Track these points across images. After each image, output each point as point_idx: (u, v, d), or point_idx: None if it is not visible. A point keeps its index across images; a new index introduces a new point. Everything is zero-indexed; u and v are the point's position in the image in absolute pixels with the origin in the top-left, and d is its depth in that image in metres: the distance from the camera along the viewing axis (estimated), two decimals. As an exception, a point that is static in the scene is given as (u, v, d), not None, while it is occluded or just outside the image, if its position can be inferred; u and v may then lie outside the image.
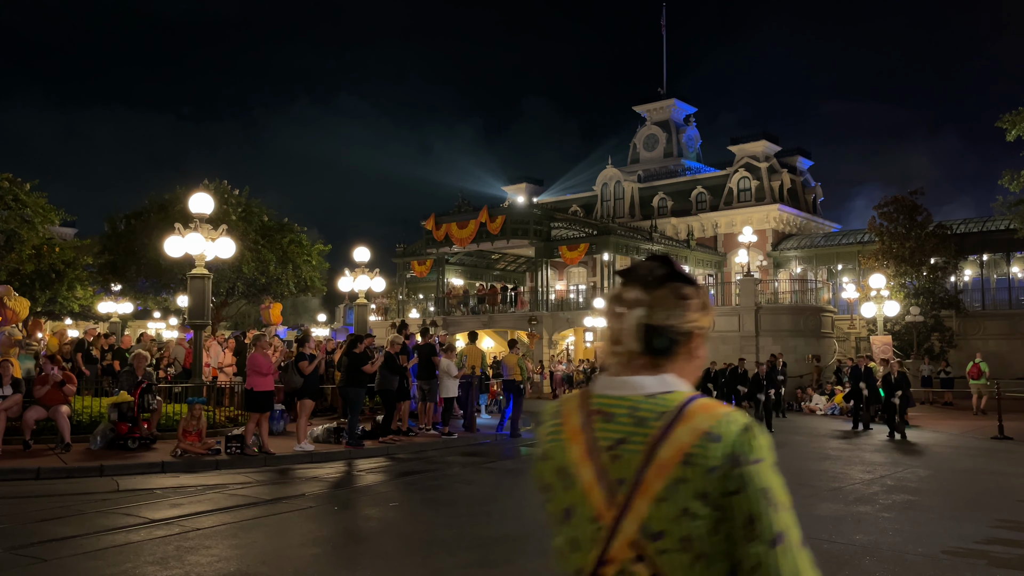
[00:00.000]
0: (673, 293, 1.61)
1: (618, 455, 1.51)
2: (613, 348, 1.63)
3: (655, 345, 1.59)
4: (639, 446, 1.49)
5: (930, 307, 31.78)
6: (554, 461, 1.63)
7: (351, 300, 31.60)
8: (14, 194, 27.17)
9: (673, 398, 1.53)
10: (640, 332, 1.59)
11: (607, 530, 1.50)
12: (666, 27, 61.77)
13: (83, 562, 6.20)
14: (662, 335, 1.58)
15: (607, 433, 1.54)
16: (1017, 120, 23.92)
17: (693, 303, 1.63)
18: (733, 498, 1.43)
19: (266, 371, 12.31)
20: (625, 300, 1.62)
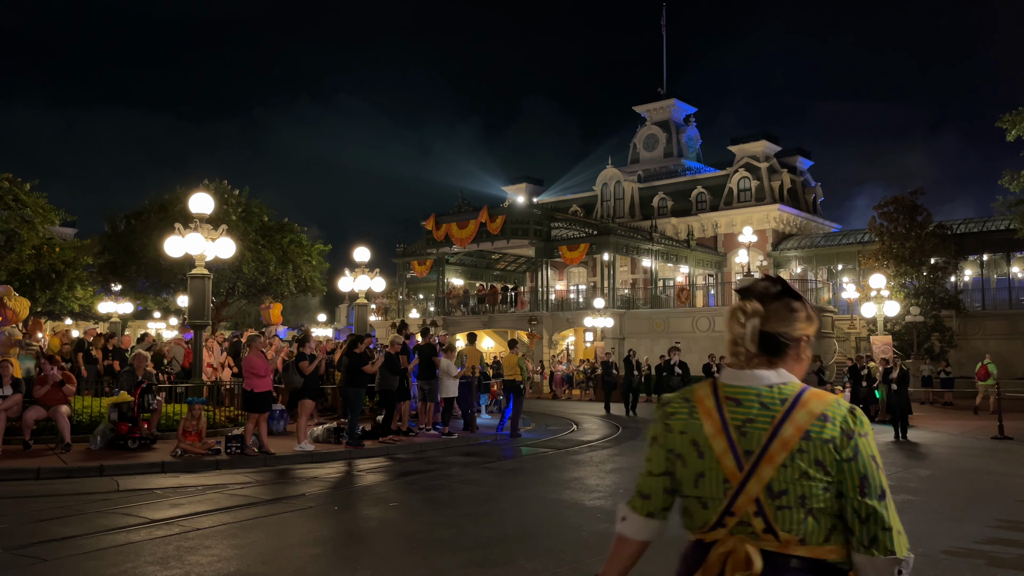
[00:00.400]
0: (785, 307, 2.02)
1: (746, 432, 1.92)
2: (734, 349, 2.04)
3: (770, 348, 2.00)
4: (765, 425, 1.91)
5: (930, 307, 31.78)
6: (689, 435, 2.00)
7: (351, 300, 31.58)
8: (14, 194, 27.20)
9: (790, 388, 1.96)
10: (757, 337, 2.00)
11: (734, 489, 1.90)
12: (666, 27, 61.72)
13: (83, 562, 6.20)
14: (775, 340, 2.00)
15: (737, 414, 1.95)
16: (1017, 120, 23.92)
17: (800, 315, 2.03)
18: (847, 463, 1.87)
19: (262, 372, 12.30)
20: (745, 311, 2.02)
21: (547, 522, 8.00)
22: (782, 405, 1.92)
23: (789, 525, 1.86)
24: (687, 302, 39.39)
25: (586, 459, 13.44)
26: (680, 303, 39.21)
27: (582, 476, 11.40)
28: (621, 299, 40.39)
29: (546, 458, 13.60)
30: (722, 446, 1.94)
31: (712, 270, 46.13)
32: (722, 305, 40.73)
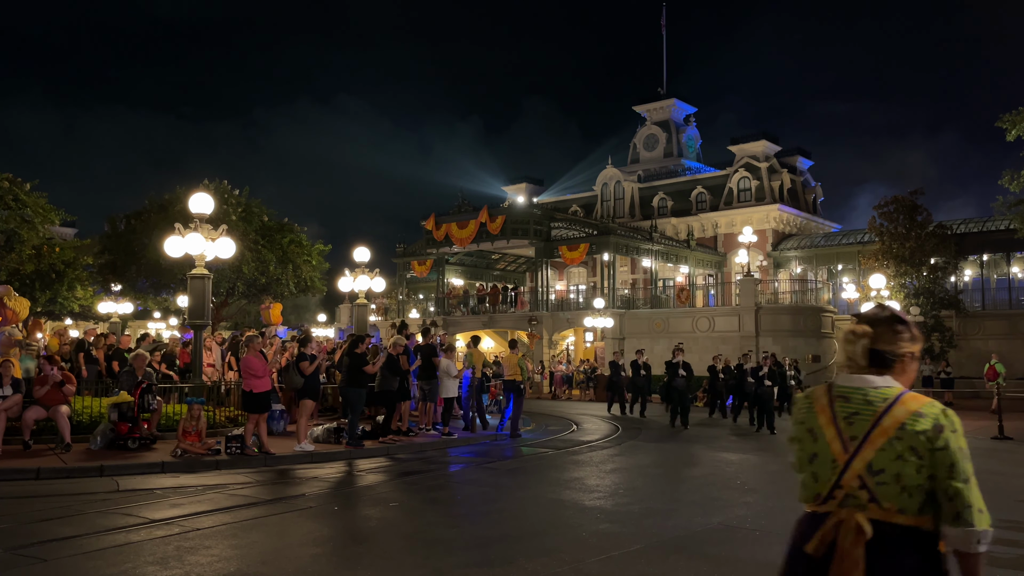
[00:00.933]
0: (890, 329, 2.50)
1: (852, 422, 2.41)
2: (848, 363, 2.53)
3: (877, 362, 2.49)
4: (868, 417, 2.39)
5: (930, 307, 31.78)
6: (806, 424, 2.51)
7: (351, 300, 31.59)
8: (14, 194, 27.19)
9: (892, 391, 2.43)
10: (867, 354, 2.50)
11: (841, 467, 2.38)
12: (666, 27, 61.75)
13: (83, 562, 6.20)
14: (882, 356, 2.48)
15: (845, 408, 2.45)
16: (1017, 120, 23.92)
17: (904, 335, 2.51)
18: (939, 452, 2.31)
19: (260, 373, 12.28)
20: (856, 333, 2.52)
21: (547, 522, 8.00)
22: (884, 403, 2.40)
23: (889, 498, 2.31)
24: (687, 302, 39.39)
25: (586, 459, 13.44)
26: (680, 303, 39.21)
27: (582, 476, 11.40)
28: (621, 299, 40.38)
29: (546, 458, 13.60)
30: (832, 433, 2.43)
31: (712, 270, 46.13)
32: (722, 305, 40.76)
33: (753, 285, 35.31)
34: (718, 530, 7.71)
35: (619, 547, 6.88)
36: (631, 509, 8.81)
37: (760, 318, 34.18)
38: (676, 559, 6.57)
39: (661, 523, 8.00)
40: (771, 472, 12.22)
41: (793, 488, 2.33)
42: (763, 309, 34.81)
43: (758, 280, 37.14)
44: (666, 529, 7.71)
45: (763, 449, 15.27)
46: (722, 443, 16.39)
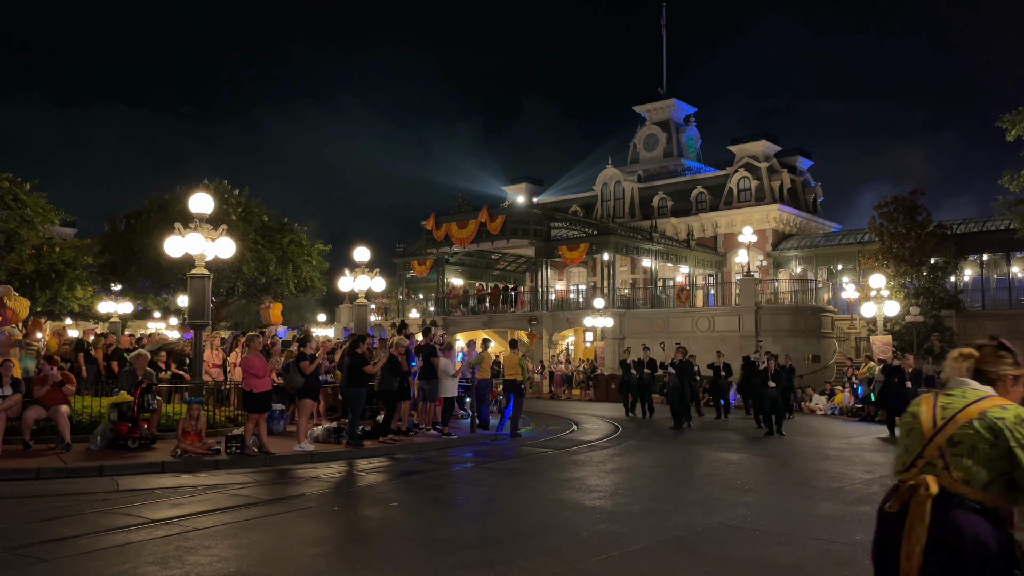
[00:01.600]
0: (994, 353, 3.06)
1: (946, 407, 2.95)
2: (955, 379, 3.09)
3: (980, 379, 3.02)
4: (960, 404, 2.92)
5: (930, 307, 31.77)
6: (912, 410, 3.07)
7: (351, 300, 31.59)
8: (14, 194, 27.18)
9: (985, 391, 2.96)
10: (971, 373, 3.04)
11: (927, 440, 2.92)
12: (666, 27, 61.77)
13: (83, 562, 6.20)
14: (984, 374, 3.03)
15: (945, 400, 2.99)
16: (1017, 120, 23.92)
17: (1008, 360, 3.04)
18: (1016, 446, 2.79)
19: (260, 372, 12.27)
20: (964, 354, 3.08)
21: (547, 522, 8.00)
22: (976, 395, 2.93)
23: (959, 468, 2.80)
24: (687, 302, 39.39)
25: (586, 459, 13.44)
26: (680, 303, 39.21)
27: (582, 476, 11.40)
28: (621, 299, 40.39)
29: (546, 458, 13.60)
30: (928, 415, 2.96)
31: (712, 270, 46.14)
32: (722, 305, 40.77)
33: (753, 285, 35.32)
34: (718, 530, 7.71)
35: (619, 547, 6.88)
36: (631, 509, 8.81)
37: (760, 318, 34.18)
38: (676, 559, 6.57)
39: (661, 523, 8.00)
40: (771, 472, 12.22)
41: (793, 488, 2.37)
42: (763, 309, 34.81)
43: (758, 280, 37.14)
44: (666, 529, 7.71)
45: (763, 449, 15.27)
46: (722, 443, 16.39)
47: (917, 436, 2.94)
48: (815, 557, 6.69)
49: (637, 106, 56.70)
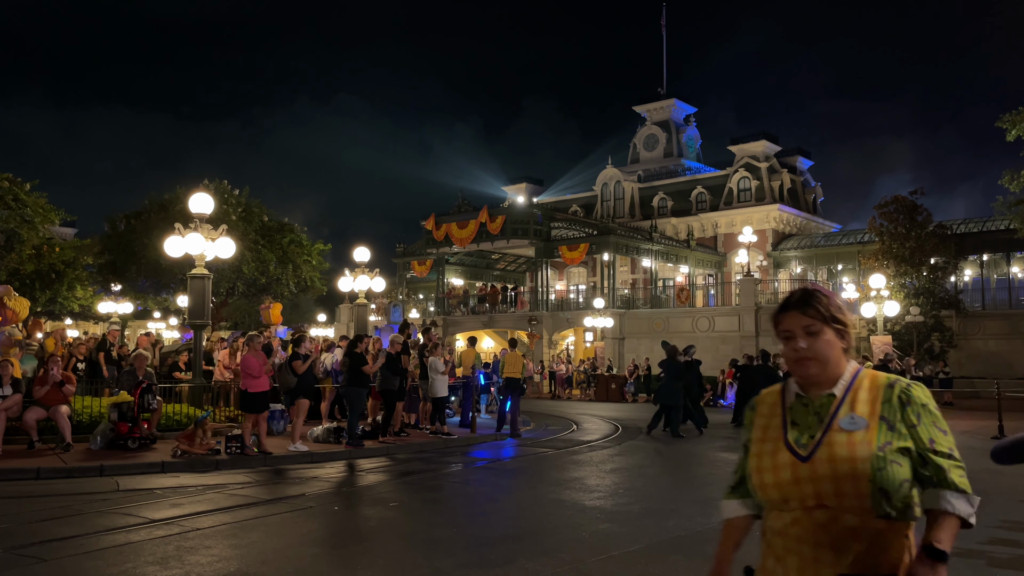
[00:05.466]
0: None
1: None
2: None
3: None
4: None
5: (930, 307, 31.77)
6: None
7: (351, 300, 31.58)
8: (14, 194, 27.17)
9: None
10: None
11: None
12: (666, 27, 61.77)
13: (83, 562, 6.20)
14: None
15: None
16: (1017, 120, 23.92)
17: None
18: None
19: (256, 372, 12.24)
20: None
21: (547, 522, 8.00)
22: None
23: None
24: (687, 302, 39.39)
25: (586, 459, 13.44)
26: (680, 303, 39.21)
27: (582, 476, 11.40)
28: (621, 299, 40.39)
29: (546, 458, 13.59)
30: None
31: (712, 270, 46.13)
32: (722, 305, 40.76)
33: (753, 285, 35.31)
34: (718, 530, 7.70)
35: (619, 547, 6.88)
36: (631, 509, 8.81)
37: (760, 318, 34.16)
38: (676, 559, 6.57)
39: (661, 523, 7.99)
40: (771, 472, 12.21)
41: None
42: (763, 309, 34.81)
43: (758, 280, 37.14)
44: (666, 529, 7.71)
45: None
46: (722, 443, 16.38)
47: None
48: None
49: (637, 106, 56.70)
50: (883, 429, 2.04)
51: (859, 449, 2.01)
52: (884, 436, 2.03)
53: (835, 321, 2.16)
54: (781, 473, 2.10)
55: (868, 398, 2.10)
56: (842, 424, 2.07)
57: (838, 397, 2.12)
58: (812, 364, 2.13)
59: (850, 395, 2.12)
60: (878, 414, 2.07)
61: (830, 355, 2.14)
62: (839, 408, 2.10)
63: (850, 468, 1.99)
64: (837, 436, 2.05)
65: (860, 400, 2.10)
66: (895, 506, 2.00)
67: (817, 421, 2.11)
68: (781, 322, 2.19)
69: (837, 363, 2.15)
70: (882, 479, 1.98)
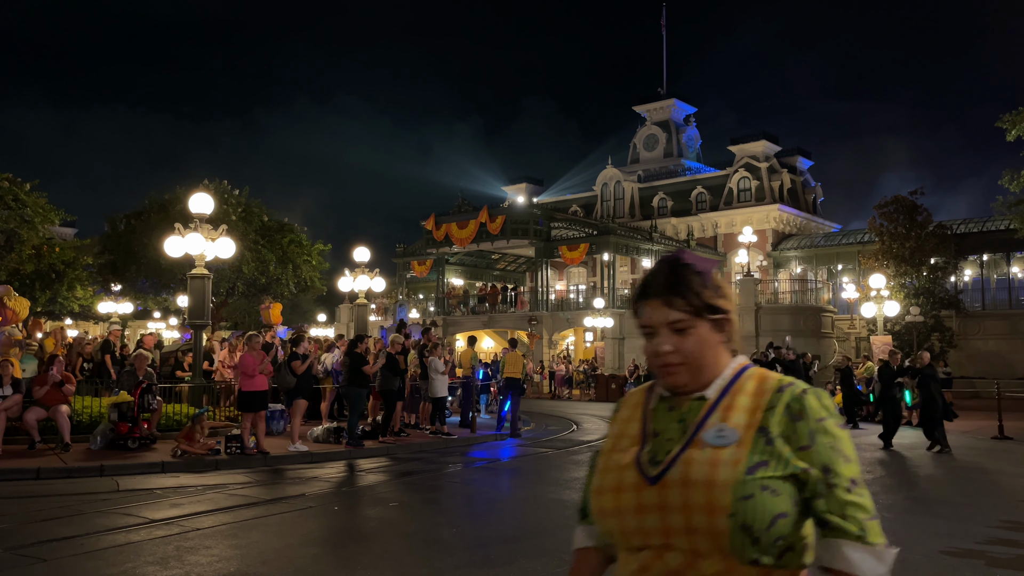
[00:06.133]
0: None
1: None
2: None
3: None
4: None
5: (930, 307, 31.78)
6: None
7: (351, 300, 31.58)
8: (14, 194, 27.17)
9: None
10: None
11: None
12: (666, 27, 61.77)
13: (83, 562, 6.20)
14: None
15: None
16: (1017, 120, 23.92)
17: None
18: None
19: (252, 372, 12.22)
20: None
21: (547, 522, 8.00)
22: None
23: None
24: (687, 302, 39.34)
25: (586, 459, 13.44)
26: (680, 303, 39.15)
27: (582, 476, 11.37)
28: (621, 299, 40.39)
29: (546, 458, 13.59)
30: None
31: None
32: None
33: (753, 285, 35.31)
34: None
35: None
36: (631, 509, 8.80)
37: (760, 318, 34.17)
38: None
39: (661, 523, 7.98)
40: (771, 472, 12.20)
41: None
42: (763, 309, 34.81)
43: (758, 280, 37.14)
44: (666, 529, 7.70)
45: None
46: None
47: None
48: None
49: (637, 106, 56.70)
50: (759, 446, 1.52)
51: (721, 471, 1.49)
52: (758, 454, 1.51)
53: (711, 311, 1.61)
54: (623, 498, 1.58)
55: (749, 404, 1.58)
56: (707, 437, 1.55)
57: (710, 401, 1.61)
58: (680, 371, 1.61)
59: (727, 399, 1.60)
60: (756, 425, 1.55)
61: (704, 356, 1.61)
62: (708, 415, 1.59)
63: (705, 496, 1.48)
64: (698, 452, 1.54)
65: (738, 407, 1.59)
66: (765, 550, 1.47)
67: (680, 431, 1.60)
68: (640, 313, 1.65)
69: (713, 363, 1.63)
70: (745, 513, 1.45)
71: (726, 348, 1.66)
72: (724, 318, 1.64)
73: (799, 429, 1.53)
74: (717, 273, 1.66)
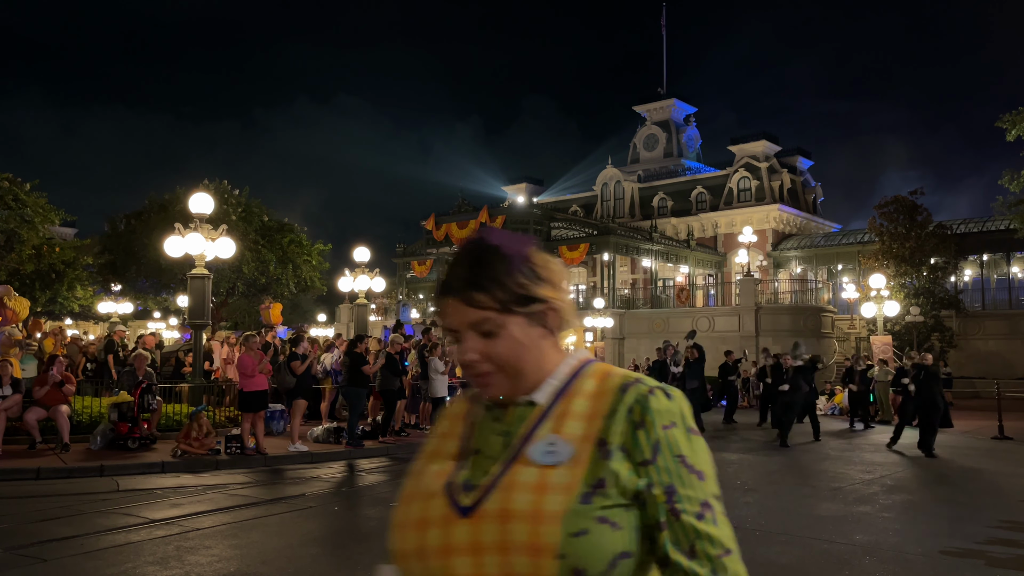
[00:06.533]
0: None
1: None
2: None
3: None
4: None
5: (930, 307, 31.79)
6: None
7: (351, 300, 31.58)
8: (14, 194, 27.17)
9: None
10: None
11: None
12: (666, 27, 61.79)
13: (83, 562, 6.20)
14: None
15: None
16: (1017, 120, 23.92)
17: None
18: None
19: (251, 372, 12.22)
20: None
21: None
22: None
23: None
24: (687, 302, 39.39)
25: (586, 459, 13.42)
26: (680, 303, 39.21)
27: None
28: (621, 299, 40.40)
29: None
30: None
31: (712, 270, 46.12)
32: (722, 305, 40.76)
33: (753, 285, 35.32)
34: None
35: (619, 547, 6.87)
36: (631, 509, 8.80)
37: (760, 318, 34.18)
38: (676, 559, 6.56)
39: (661, 523, 7.98)
40: (771, 472, 12.21)
41: (793, 488, 2.09)
42: (763, 309, 34.82)
43: (758, 280, 37.14)
44: (666, 529, 7.70)
45: (764, 449, 15.26)
46: (722, 443, 16.38)
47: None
48: (815, 557, 6.69)
49: (637, 106, 56.72)
50: (594, 463, 1.20)
51: (549, 499, 1.17)
52: (596, 476, 1.19)
53: (524, 301, 1.28)
54: (428, 536, 1.25)
55: (587, 410, 1.26)
56: (534, 453, 1.22)
57: (541, 407, 1.28)
58: (495, 380, 1.29)
59: (561, 404, 1.28)
60: (595, 437, 1.22)
61: (522, 359, 1.28)
62: (538, 425, 1.26)
63: (528, 533, 1.15)
64: (523, 474, 1.21)
65: (573, 413, 1.26)
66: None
67: (503, 446, 1.27)
68: (441, 314, 1.36)
69: (537, 365, 1.30)
70: (578, 554, 1.13)
71: (554, 343, 1.34)
72: (544, 308, 1.30)
73: (640, 439, 1.20)
74: (535, 251, 1.33)
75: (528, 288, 1.28)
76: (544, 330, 1.31)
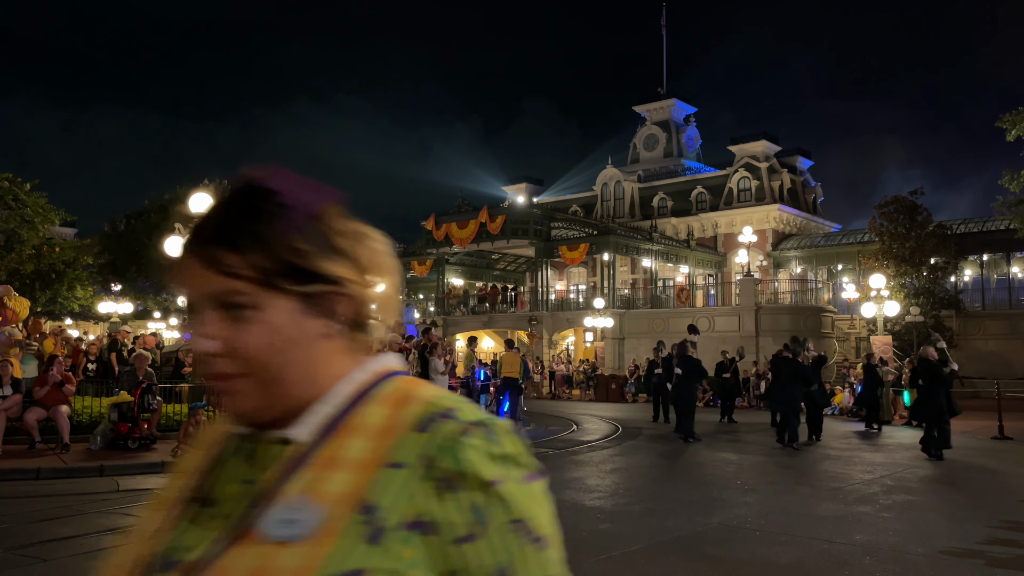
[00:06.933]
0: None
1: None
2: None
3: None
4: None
5: (930, 307, 31.80)
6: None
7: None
8: (14, 194, 27.21)
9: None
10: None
11: None
12: (666, 27, 61.75)
13: (83, 562, 6.20)
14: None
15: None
16: (1017, 120, 23.93)
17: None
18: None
19: None
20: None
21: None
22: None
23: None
24: (687, 302, 39.40)
25: (586, 459, 13.44)
26: (680, 303, 39.22)
27: (582, 476, 11.40)
28: (621, 299, 40.40)
29: (546, 458, 13.58)
30: None
31: (712, 270, 46.12)
32: (722, 305, 40.77)
33: (753, 285, 35.33)
34: (718, 530, 7.71)
35: (619, 547, 6.88)
36: (631, 509, 8.81)
37: (760, 318, 34.19)
38: (676, 559, 6.57)
39: (661, 523, 7.99)
40: (771, 472, 12.22)
41: (793, 488, 2.16)
42: (763, 309, 34.83)
43: (758, 280, 37.15)
44: (666, 529, 7.71)
45: (763, 449, 15.27)
46: (722, 443, 16.38)
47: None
48: (815, 557, 6.69)
49: (637, 106, 56.70)
50: (346, 541, 0.78)
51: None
52: (344, 558, 0.78)
53: (300, 276, 0.87)
54: None
55: (365, 455, 0.83)
56: (268, 523, 0.81)
57: (299, 447, 0.86)
58: (238, 387, 0.88)
59: (330, 444, 0.85)
60: (359, 499, 0.80)
61: (285, 362, 0.87)
62: (290, 476, 0.84)
63: None
64: (244, 558, 0.80)
65: (344, 459, 0.83)
66: None
67: (243, 500, 0.86)
68: (179, 279, 0.95)
69: (307, 374, 0.88)
70: None
71: (343, 346, 0.91)
72: (332, 292, 0.89)
73: (450, 508, 0.81)
74: (339, 211, 0.94)
75: (309, 258, 0.87)
76: (329, 325, 0.89)
